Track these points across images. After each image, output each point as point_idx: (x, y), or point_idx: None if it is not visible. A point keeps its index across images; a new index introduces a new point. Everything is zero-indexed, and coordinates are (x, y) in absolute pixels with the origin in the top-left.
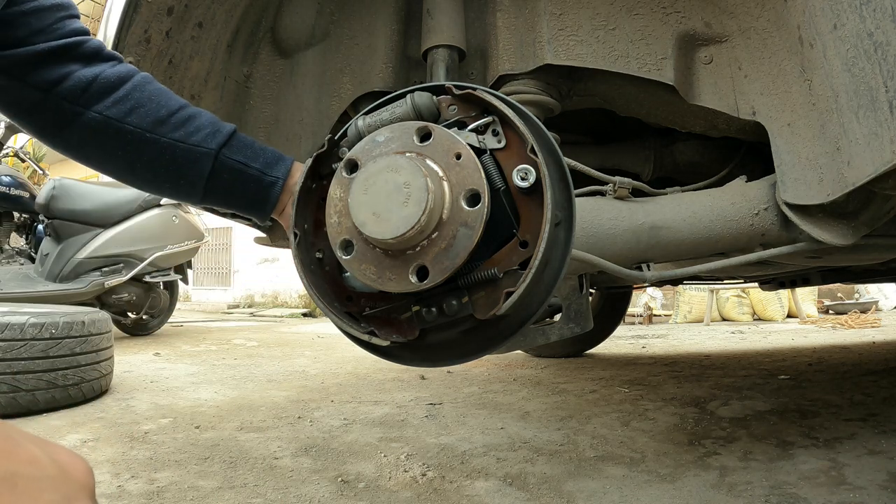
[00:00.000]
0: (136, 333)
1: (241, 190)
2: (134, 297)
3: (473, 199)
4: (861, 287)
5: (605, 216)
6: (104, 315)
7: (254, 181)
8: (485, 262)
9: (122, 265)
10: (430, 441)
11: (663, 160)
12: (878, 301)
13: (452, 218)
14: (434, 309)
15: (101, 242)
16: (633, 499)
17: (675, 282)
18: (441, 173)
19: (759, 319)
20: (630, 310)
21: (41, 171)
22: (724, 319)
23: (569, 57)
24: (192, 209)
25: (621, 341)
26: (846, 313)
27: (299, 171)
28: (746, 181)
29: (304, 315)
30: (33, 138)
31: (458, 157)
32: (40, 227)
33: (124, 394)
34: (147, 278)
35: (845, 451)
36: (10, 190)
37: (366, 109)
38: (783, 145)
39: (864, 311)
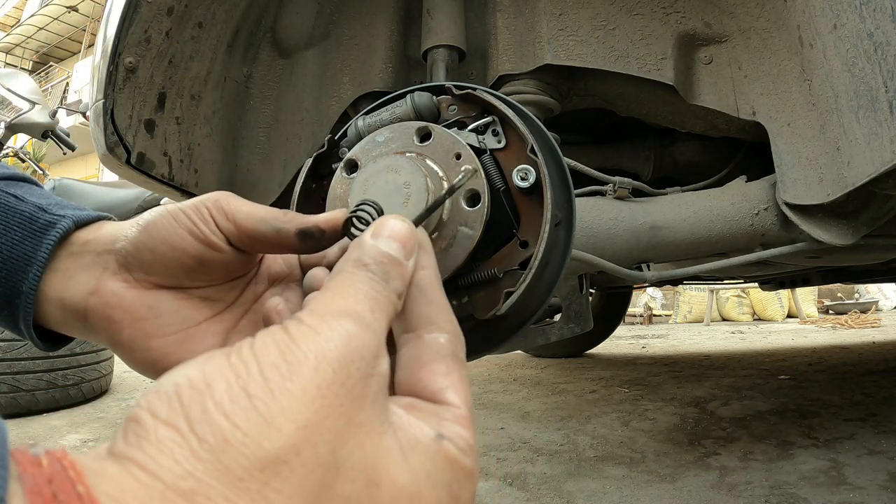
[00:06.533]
0: None
1: None
2: None
3: (473, 199)
4: (861, 287)
5: (605, 216)
6: None
7: (20, 222)
8: (485, 262)
9: None
10: None
11: (663, 160)
12: (878, 301)
13: (452, 218)
14: None
15: None
16: (633, 499)
17: (675, 282)
18: (441, 173)
19: (759, 319)
20: (630, 310)
21: (41, 171)
22: (724, 319)
23: (569, 57)
24: None
25: (621, 341)
26: (846, 313)
27: (111, 230)
28: (746, 181)
29: None
30: (34, 139)
31: (458, 157)
32: None
33: (124, 394)
34: None
35: (845, 451)
36: None
37: (366, 109)
38: (783, 145)
39: (864, 311)
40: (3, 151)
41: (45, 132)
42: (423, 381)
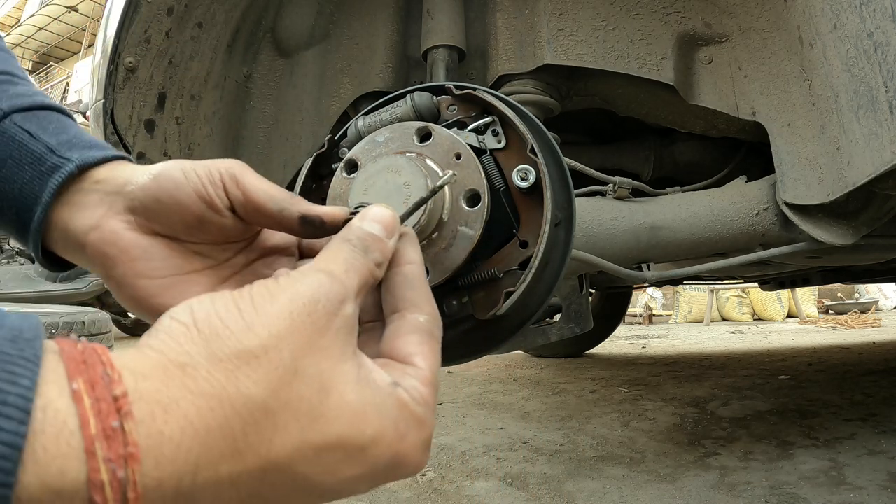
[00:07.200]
0: (136, 334)
1: (6, 175)
2: None
3: (473, 199)
4: (861, 287)
5: (605, 216)
6: (104, 315)
7: (30, 161)
8: (485, 262)
9: None
10: None
11: (663, 160)
12: (878, 301)
13: (452, 218)
14: None
15: None
16: (633, 499)
17: (675, 282)
18: (441, 173)
19: (759, 319)
20: (630, 310)
21: None
22: (724, 319)
23: (569, 57)
24: None
25: (621, 341)
26: (846, 313)
27: (125, 173)
28: (746, 181)
29: None
30: None
31: (458, 157)
32: None
33: None
34: None
35: (845, 451)
36: None
37: (366, 109)
38: (783, 145)
39: (864, 311)
40: None
41: None
42: (397, 347)
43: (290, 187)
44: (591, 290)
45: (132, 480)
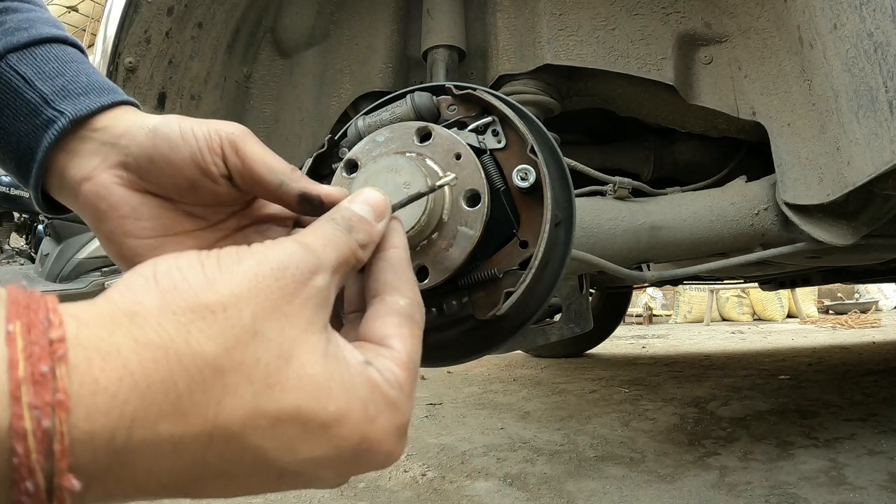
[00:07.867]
0: None
1: (4, 126)
2: None
3: (473, 199)
4: (861, 287)
5: (605, 216)
6: None
7: (26, 113)
8: (485, 262)
9: None
10: (430, 441)
11: (663, 160)
12: (878, 301)
13: (452, 218)
14: (434, 309)
15: None
16: (633, 499)
17: (675, 282)
18: (441, 173)
19: (759, 319)
20: (630, 310)
21: None
22: (724, 319)
23: (569, 57)
24: None
25: (621, 341)
26: (846, 313)
27: (124, 123)
28: (746, 181)
29: None
30: None
31: (458, 157)
32: (40, 227)
33: None
34: None
35: (845, 451)
36: (10, 190)
37: (366, 109)
38: (783, 145)
39: (864, 311)
40: None
41: None
42: (374, 329)
43: None
44: (591, 290)
45: (59, 431)
